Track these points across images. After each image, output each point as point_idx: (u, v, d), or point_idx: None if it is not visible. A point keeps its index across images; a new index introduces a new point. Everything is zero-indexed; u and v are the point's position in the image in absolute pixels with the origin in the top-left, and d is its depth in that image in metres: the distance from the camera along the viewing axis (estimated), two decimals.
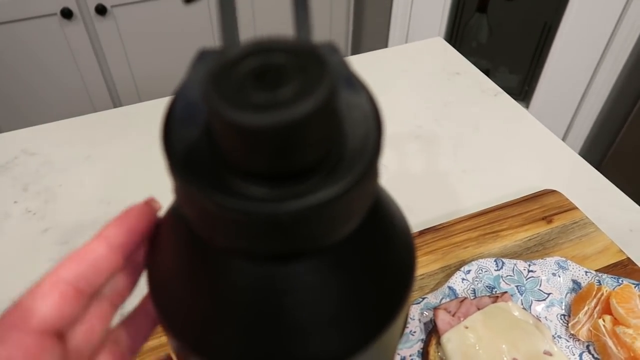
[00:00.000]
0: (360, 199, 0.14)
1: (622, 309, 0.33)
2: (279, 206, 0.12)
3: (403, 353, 0.33)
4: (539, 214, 0.44)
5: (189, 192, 0.13)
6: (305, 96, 0.11)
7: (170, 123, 0.14)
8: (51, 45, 1.23)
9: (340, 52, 0.16)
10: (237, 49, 0.13)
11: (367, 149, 0.14)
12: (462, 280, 0.37)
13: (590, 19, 1.18)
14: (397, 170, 0.50)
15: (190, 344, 0.16)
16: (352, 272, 0.16)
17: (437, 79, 0.63)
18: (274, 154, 0.12)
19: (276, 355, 0.15)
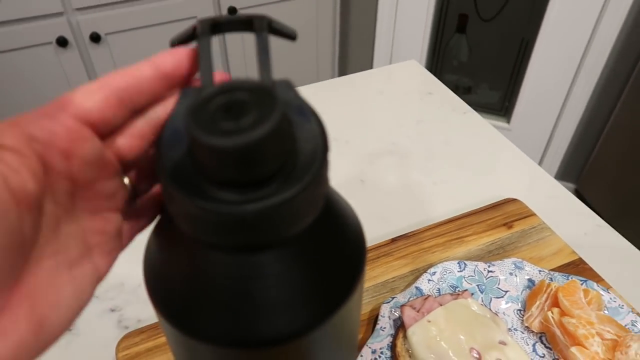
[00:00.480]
0: (311, 200, 0.18)
1: (567, 302, 0.37)
2: (244, 207, 0.17)
3: (374, 347, 0.37)
4: (500, 221, 0.48)
5: (176, 198, 0.17)
6: (261, 124, 0.16)
7: (161, 146, 0.18)
8: (47, 73, 1.28)
9: (294, 87, 0.20)
10: (210, 89, 0.17)
11: (315, 162, 0.18)
12: (428, 281, 0.41)
13: (565, 34, 1.24)
14: (374, 184, 0.54)
15: (174, 322, 0.20)
16: (310, 260, 0.20)
17: (411, 99, 0.68)
18: (238, 167, 0.16)
19: (247, 330, 0.19)
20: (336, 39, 1.61)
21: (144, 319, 0.41)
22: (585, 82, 1.29)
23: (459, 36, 1.49)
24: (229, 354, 0.20)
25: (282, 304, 0.19)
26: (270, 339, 0.19)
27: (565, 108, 1.36)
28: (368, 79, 0.72)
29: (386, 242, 0.46)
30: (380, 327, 0.38)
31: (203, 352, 0.20)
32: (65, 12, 1.20)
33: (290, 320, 0.19)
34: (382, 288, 0.42)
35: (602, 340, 0.35)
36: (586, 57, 1.26)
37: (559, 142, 1.43)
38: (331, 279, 0.20)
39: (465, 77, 1.56)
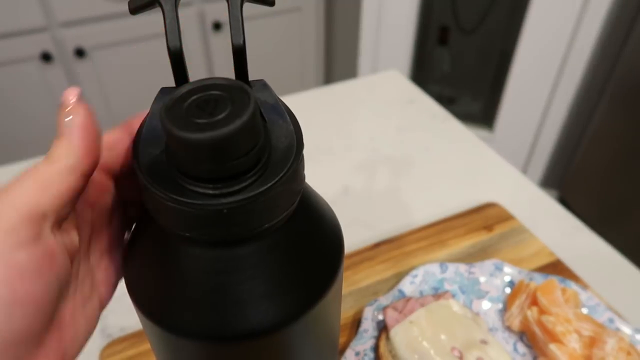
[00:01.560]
0: (287, 194, 0.19)
1: (546, 300, 0.37)
2: (219, 200, 0.17)
3: (357, 349, 0.37)
4: (480, 224, 0.49)
5: (153, 193, 0.17)
6: (233, 119, 0.16)
7: (138, 143, 0.19)
8: (31, 88, 1.27)
9: (269, 87, 0.21)
10: (185, 87, 0.18)
11: (289, 158, 0.19)
12: (411, 283, 0.42)
13: (545, 43, 1.27)
14: (357, 190, 0.55)
15: (152, 317, 0.20)
16: (286, 254, 0.20)
17: (393, 107, 0.69)
18: (213, 160, 0.16)
19: (224, 324, 0.19)
20: (320, 50, 1.63)
21: (127, 327, 0.41)
22: (565, 90, 1.32)
23: (441, 48, 1.52)
24: (207, 348, 0.20)
25: (258, 297, 0.19)
26: (247, 332, 0.19)
27: (546, 117, 1.39)
28: (351, 88, 0.73)
29: (369, 247, 0.46)
30: (364, 330, 0.38)
31: (182, 347, 0.20)
32: (49, 27, 1.21)
33: (267, 314, 0.20)
34: (365, 292, 0.43)
35: (579, 336, 0.36)
36: (565, 66, 1.29)
37: (542, 150, 1.45)
38: (308, 273, 0.21)
39: (448, 87, 1.59)
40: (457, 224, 0.49)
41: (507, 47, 1.41)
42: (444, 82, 1.58)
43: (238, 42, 0.18)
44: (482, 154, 0.61)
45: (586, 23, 1.20)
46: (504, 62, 1.43)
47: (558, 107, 1.36)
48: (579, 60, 1.26)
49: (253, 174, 0.18)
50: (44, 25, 1.19)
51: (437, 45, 1.52)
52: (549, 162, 1.47)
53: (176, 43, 0.18)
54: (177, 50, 0.18)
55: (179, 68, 0.19)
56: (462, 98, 1.60)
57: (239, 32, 0.19)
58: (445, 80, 1.58)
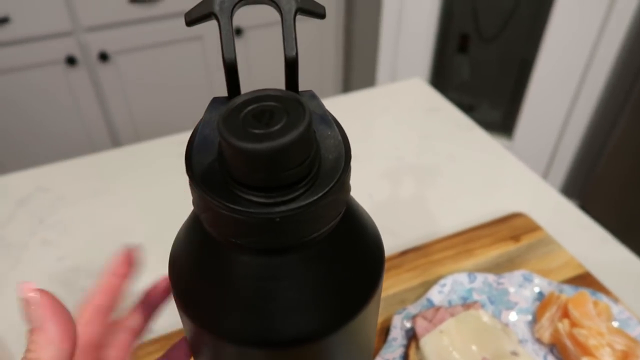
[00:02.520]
0: (333, 205, 0.19)
1: (578, 313, 0.37)
2: (271, 209, 0.17)
3: (387, 357, 0.37)
4: (507, 234, 0.48)
5: (205, 200, 0.18)
6: (290, 130, 0.16)
7: (191, 151, 0.19)
8: (55, 91, 1.30)
9: (318, 98, 0.21)
10: (240, 97, 0.18)
11: (338, 169, 0.19)
12: (439, 292, 0.41)
13: (566, 52, 1.26)
14: (382, 198, 0.55)
15: (199, 322, 0.20)
16: (331, 263, 0.20)
17: (416, 115, 0.69)
18: (268, 170, 0.17)
19: (268, 330, 0.20)
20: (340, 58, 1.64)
21: (155, 329, 0.42)
22: (586, 100, 1.31)
23: (461, 55, 1.52)
24: (249, 353, 0.20)
25: (303, 305, 0.20)
26: (290, 339, 0.20)
27: (567, 126, 1.38)
28: (373, 96, 0.73)
29: (396, 255, 0.46)
30: (392, 338, 0.38)
31: (225, 351, 0.21)
32: (74, 31, 1.23)
33: (311, 322, 0.20)
34: (393, 300, 0.43)
35: (612, 350, 0.35)
36: (587, 76, 1.28)
37: (561, 160, 1.44)
38: (351, 283, 0.21)
39: (467, 95, 1.58)
40: (484, 234, 0.48)
41: (527, 56, 1.40)
42: (463, 90, 1.58)
43: (291, 53, 0.19)
44: (506, 164, 0.61)
45: (609, 32, 1.19)
46: (525, 71, 1.42)
47: (579, 116, 1.34)
48: (601, 69, 1.25)
49: (304, 184, 0.18)
50: (69, 29, 1.22)
51: (456, 52, 1.52)
52: (569, 171, 1.45)
53: (231, 55, 0.19)
54: (232, 62, 0.19)
55: (233, 79, 0.19)
56: (481, 106, 1.60)
57: (292, 43, 0.19)
58: (465, 88, 1.58)
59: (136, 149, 0.62)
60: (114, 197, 0.55)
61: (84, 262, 0.47)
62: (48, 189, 0.56)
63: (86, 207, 0.54)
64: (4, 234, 0.50)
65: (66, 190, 0.56)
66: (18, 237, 0.50)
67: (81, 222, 0.52)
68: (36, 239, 0.50)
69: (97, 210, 0.53)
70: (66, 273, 0.47)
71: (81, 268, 0.47)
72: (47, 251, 0.49)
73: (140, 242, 0.49)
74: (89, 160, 0.61)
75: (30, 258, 0.48)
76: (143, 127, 1.45)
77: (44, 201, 0.54)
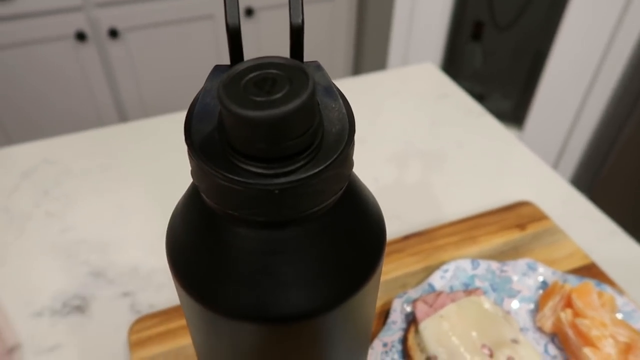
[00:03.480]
0: (335, 180, 0.19)
1: (581, 303, 0.36)
2: (271, 180, 0.17)
3: (385, 340, 0.37)
4: (513, 222, 0.48)
5: (204, 170, 0.17)
6: (292, 98, 0.16)
7: (191, 120, 0.18)
8: (65, 65, 1.29)
9: (323, 69, 0.20)
10: (242, 64, 0.17)
11: (341, 142, 0.18)
12: (441, 278, 0.41)
13: (581, 44, 1.24)
14: (387, 182, 0.55)
15: (196, 295, 0.20)
16: (332, 239, 0.20)
17: (426, 100, 0.68)
18: (269, 139, 0.16)
19: (267, 304, 0.19)
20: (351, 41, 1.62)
21: (156, 304, 0.42)
22: (600, 93, 1.29)
23: (474, 43, 1.49)
24: (245, 327, 0.20)
25: (302, 280, 0.19)
26: (288, 315, 0.19)
27: (579, 119, 1.36)
28: (383, 79, 0.72)
29: (399, 239, 0.46)
30: (392, 321, 0.38)
31: (221, 325, 0.20)
32: (84, 6, 1.22)
33: (310, 297, 0.20)
34: (394, 284, 0.43)
35: (615, 342, 0.35)
36: (601, 69, 1.25)
37: (571, 153, 1.42)
38: (352, 259, 0.21)
39: (479, 84, 1.56)
40: (489, 221, 0.48)
41: (542, 46, 1.38)
42: (475, 79, 1.56)
43: (297, 21, 0.18)
44: (516, 152, 0.60)
45: (626, 26, 1.17)
46: (538, 61, 1.40)
47: (591, 110, 1.32)
48: (616, 63, 1.23)
49: (306, 156, 0.17)
50: (79, 4, 1.21)
51: (470, 40, 1.50)
52: (579, 165, 1.44)
53: (235, 20, 0.18)
54: (236, 27, 0.18)
55: (236, 45, 0.19)
56: (493, 95, 1.58)
57: (298, 11, 0.18)
58: (476, 76, 1.55)
59: (143, 125, 0.62)
60: (120, 171, 0.55)
61: (87, 235, 0.47)
62: (54, 162, 0.56)
63: (91, 181, 0.53)
64: (9, 204, 0.50)
65: (72, 163, 0.56)
66: (22, 208, 0.50)
67: (86, 195, 0.52)
68: (40, 210, 0.50)
69: (102, 184, 0.53)
70: (69, 245, 0.47)
71: (85, 241, 0.47)
72: (51, 223, 0.49)
73: (143, 217, 0.49)
74: (96, 134, 0.60)
75: (33, 229, 0.48)
76: (151, 104, 1.44)
77: (49, 173, 0.54)
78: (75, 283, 0.43)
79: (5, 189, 0.52)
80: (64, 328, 0.40)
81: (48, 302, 0.42)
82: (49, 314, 0.41)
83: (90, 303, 0.42)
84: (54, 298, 0.42)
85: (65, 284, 0.43)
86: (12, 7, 1.15)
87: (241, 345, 0.22)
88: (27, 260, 0.45)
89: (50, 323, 0.41)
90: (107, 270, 0.44)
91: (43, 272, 0.44)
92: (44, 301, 0.42)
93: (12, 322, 0.41)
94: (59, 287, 0.43)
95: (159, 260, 0.45)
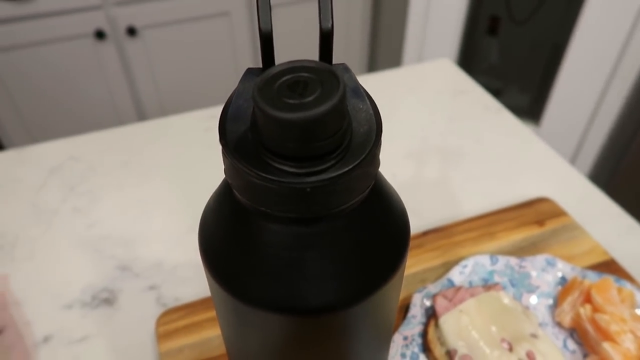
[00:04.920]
0: (363, 178, 0.19)
1: (600, 298, 0.37)
2: (303, 179, 0.18)
3: (405, 333, 0.38)
4: (532, 218, 0.48)
5: (237, 169, 0.18)
6: (324, 101, 0.17)
7: (225, 120, 0.19)
8: (84, 65, 1.31)
9: (351, 71, 0.21)
10: (275, 68, 0.18)
11: (369, 142, 0.19)
12: (460, 273, 0.42)
13: (599, 39, 1.22)
14: (405, 178, 0.55)
15: (228, 288, 0.21)
16: (359, 235, 0.20)
17: (443, 97, 0.68)
18: (301, 140, 0.17)
19: (293, 297, 0.20)
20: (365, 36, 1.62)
21: (181, 297, 0.43)
22: (618, 88, 1.27)
23: (490, 38, 1.48)
24: (274, 319, 0.21)
25: (329, 275, 0.20)
26: (314, 308, 0.20)
27: (597, 114, 1.34)
28: (399, 76, 0.73)
29: (417, 235, 0.47)
30: (412, 315, 0.39)
31: (252, 317, 0.21)
32: (104, 5, 1.24)
33: (335, 292, 0.20)
34: (413, 279, 0.43)
35: (634, 337, 0.35)
36: (620, 63, 1.24)
37: (589, 148, 1.41)
38: (377, 256, 0.21)
39: (495, 79, 1.55)
40: (508, 217, 0.48)
41: (559, 40, 1.37)
42: (491, 74, 1.55)
43: (327, 26, 0.19)
44: (533, 148, 0.60)
45: None
46: (556, 56, 1.38)
47: (610, 105, 1.31)
48: (635, 57, 1.21)
49: (336, 156, 0.18)
50: (99, 3, 1.23)
51: (486, 35, 1.49)
52: (596, 161, 1.42)
53: (268, 25, 0.19)
54: (268, 32, 0.19)
55: (268, 49, 0.19)
56: (509, 91, 1.57)
57: (327, 16, 0.19)
58: (493, 71, 1.54)
59: (163, 123, 0.63)
60: (142, 168, 0.56)
61: (112, 230, 0.49)
62: (79, 159, 0.57)
63: (115, 177, 0.55)
64: (37, 200, 0.52)
65: (96, 160, 0.57)
66: (50, 204, 0.52)
67: (110, 191, 0.53)
68: (67, 206, 0.51)
69: (125, 180, 0.55)
70: (95, 240, 0.48)
71: (110, 236, 0.48)
72: (77, 218, 0.50)
73: (165, 212, 0.50)
74: (118, 132, 0.62)
75: (60, 224, 0.50)
76: (169, 102, 1.46)
77: (75, 170, 0.56)
78: (103, 277, 0.45)
79: (33, 185, 0.54)
80: (93, 320, 0.42)
81: (78, 294, 0.43)
82: (79, 306, 0.43)
83: (118, 296, 0.43)
84: (83, 291, 0.44)
85: (93, 277, 0.45)
86: (31, 7, 1.17)
87: (269, 336, 0.23)
88: (55, 254, 0.47)
89: (80, 315, 0.42)
90: (132, 265, 0.46)
91: (71, 266, 0.46)
92: (73, 294, 0.43)
93: (43, 314, 0.42)
94: (88, 280, 0.45)
95: (182, 255, 0.46)
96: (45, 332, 0.41)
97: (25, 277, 0.45)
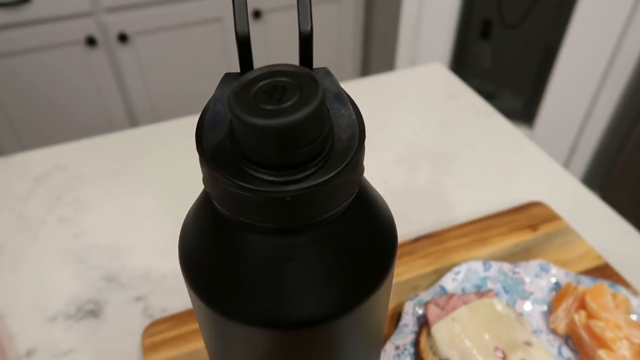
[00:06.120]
0: (346, 186, 0.19)
1: (595, 304, 0.36)
2: (282, 187, 0.17)
3: (397, 343, 0.37)
4: (525, 223, 0.47)
5: (215, 178, 0.17)
6: (302, 106, 0.16)
7: (202, 128, 0.19)
8: (75, 72, 1.30)
9: (333, 75, 0.20)
10: (252, 73, 0.17)
11: (351, 148, 0.18)
12: (452, 280, 0.41)
13: (591, 42, 1.23)
14: (397, 184, 0.55)
15: (208, 301, 0.20)
16: (343, 245, 0.20)
17: (435, 101, 0.68)
18: (279, 147, 0.16)
19: (277, 310, 0.19)
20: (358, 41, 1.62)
21: (168, 308, 0.42)
22: (611, 90, 1.27)
23: (483, 42, 1.49)
24: (257, 333, 0.20)
25: (313, 287, 0.19)
26: (300, 321, 0.19)
27: (590, 117, 1.34)
28: (392, 80, 0.72)
29: (409, 242, 0.46)
30: (404, 324, 0.38)
31: (233, 331, 0.20)
32: (94, 12, 1.23)
33: (322, 303, 0.20)
34: (405, 286, 0.42)
35: (630, 344, 0.34)
36: (612, 66, 1.24)
37: (583, 151, 1.41)
38: (363, 265, 0.21)
39: (488, 83, 1.55)
40: (501, 222, 0.48)
41: (552, 43, 1.37)
42: (484, 77, 1.55)
43: (306, 28, 0.18)
44: (526, 152, 0.59)
45: (638, 21, 1.16)
46: (548, 59, 1.38)
47: (603, 107, 1.31)
48: (627, 60, 1.21)
49: (316, 163, 0.17)
50: (89, 10, 1.22)
51: (478, 38, 1.49)
52: (590, 163, 1.42)
53: (244, 28, 0.18)
54: (245, 36, 0.18)
55: (245, 53, 0.19)
56: (502, 94, 1.57)
57: (306, 18, 0.18)
58: (485, 75, 1.55)
59: (153, 130, 0.63)
60: (131, 176, 0.55)
61: (99, 240, 0.48)
62: (66, 167, 0.56)
63: (103, 186, 0.54)
64: (22, 210, 0.51)
65: (84, 168, 0.56)
66: (36, 214, 0.51)
67: (97, 200, 0.52)
68: (53, 215, 0.51)
69: (113, 189, 0.54)
70: (82, 250, 0.47)
71: (97, 245, 0.47)
72: (64, 228, 0.49)
73: (154, 222, 0.49)
74: (107, 139, 0.61)
75: (47, 234, 0.49)
76: (161, 108, 1.45)
77: (61, 179, 0.55)
78: (89, 288, 0.44)
79: (19, 194, 0.53)
80: (78, 332, 0.41)
81: (62, 306, 0.42)
82: (63, 318, 0.42)
83: (104, 307, 0.42)
84: (68, 302, 0.43)
85: (78, 288, 0.44)
86: (21, 14, 1.16)
87: (252, 350, 0.22)
88: (41, 265, 0.46)
89: (64, 327, 0.41)
90: (119, 275, 0.45)
91: (57, 277, 0.45)
92: (58, 306, 0.42)
93: (27, 327, 0.41)
94: (73, 291, 0.44)
95: (170, 265, 0.45)
96: (29, 346, 0.40)
97: (10, 289, 0.44)
